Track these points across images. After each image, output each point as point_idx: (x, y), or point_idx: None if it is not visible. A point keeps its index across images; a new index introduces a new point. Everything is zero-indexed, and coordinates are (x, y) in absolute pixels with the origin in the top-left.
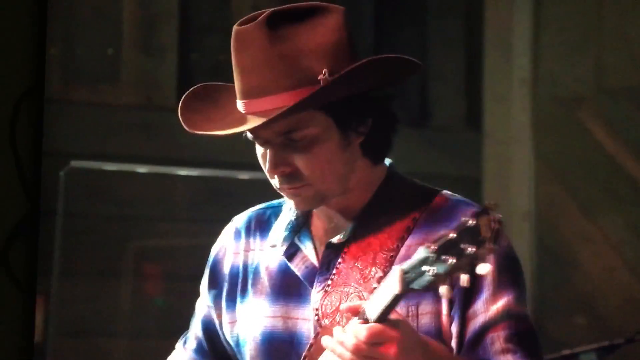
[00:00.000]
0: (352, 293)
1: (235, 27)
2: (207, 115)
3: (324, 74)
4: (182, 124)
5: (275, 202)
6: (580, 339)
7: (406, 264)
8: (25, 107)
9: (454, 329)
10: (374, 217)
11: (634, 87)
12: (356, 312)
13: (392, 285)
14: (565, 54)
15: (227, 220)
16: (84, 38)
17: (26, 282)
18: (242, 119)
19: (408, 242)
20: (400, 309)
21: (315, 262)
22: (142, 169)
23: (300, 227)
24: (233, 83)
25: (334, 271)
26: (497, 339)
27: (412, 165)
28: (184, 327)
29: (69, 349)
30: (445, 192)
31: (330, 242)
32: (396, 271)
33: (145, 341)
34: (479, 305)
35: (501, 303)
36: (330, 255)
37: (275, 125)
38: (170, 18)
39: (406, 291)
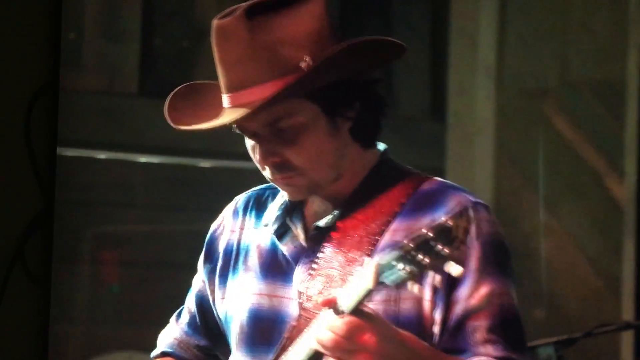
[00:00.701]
0: (336, 276)
1: (214, 22)
2: (194, 113)
3: (307, 61)
4: (168, 121)
5: None
6: (539, 332)
7: (382, 259)
8: (41, 102)
9: (438, 315)
10: (362, 202)
11: (597, 80)
12: (331, 304)
13: (366, 279)
14: (530, 47)
15: (187, 208)
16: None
17: (41, 276)
18: (227, 113)
19: (393, 226)
20: (382, 293)
21: (304, 243)
22: (101, 155)
23: (294, 208)
24: (196, 70)
25: (319, 254)
26: (479, 328)
27: None
28: (143, 313)
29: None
30: (436, 178)
31: (317, 225)
32: (371, 265)
33: (102, 328)
34: (462, 292)
35: (484, 290)
36: (317, 238)
37: (261, 116)
38: (134, 3)
39: (378, 286)
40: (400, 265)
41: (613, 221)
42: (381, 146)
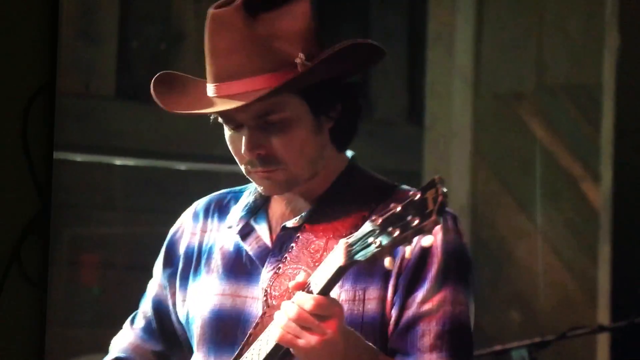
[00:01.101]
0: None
1: (210, 11)
2: (178, 100)
3: (301, 58)
4: (159, 103)
5: (237, 187)
6: (513, 335)
7: (352, 237)
8: (37, 104)
9: (393, 314)
10: (332, 204)
11: (573, 85)
12: (302, 288)
13: (337, 257)
14: (506, 51)
15: (162, 210)
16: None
17: (38, 278)
18: (213, 103)
19: None
20: (348, 293)
21: (269, 243)
22: (78, 157)
23: (257, 209)
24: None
25: (286, 254)
26: (428, 333)
27: None
28: (119, 315)
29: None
30: (403, 186)
31: (284, 226)
32: (341, 244)
33: (80, 330)
34: (418, 295)
35: (439, 297)
36: (284, 238)
37: (253, 108)
38: (111, 5)
39: (350, 263)
40: (370, 239)
41: (589, 225)
42: (349, 153)
